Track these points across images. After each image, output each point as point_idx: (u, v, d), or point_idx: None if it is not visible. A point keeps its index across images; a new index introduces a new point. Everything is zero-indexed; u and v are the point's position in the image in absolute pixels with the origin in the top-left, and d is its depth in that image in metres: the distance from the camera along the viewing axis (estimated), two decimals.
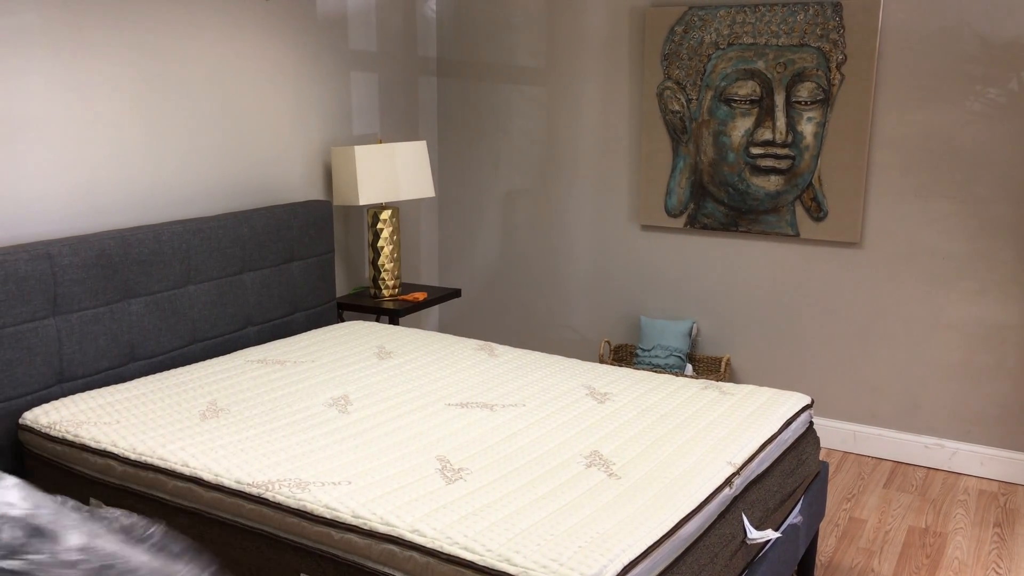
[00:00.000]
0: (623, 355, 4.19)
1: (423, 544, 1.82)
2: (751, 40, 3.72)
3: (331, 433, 2.38)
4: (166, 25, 3.14)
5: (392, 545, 1.85)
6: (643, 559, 1.77)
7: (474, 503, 1.96)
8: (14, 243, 2.73)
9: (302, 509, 1.99)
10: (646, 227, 4.15)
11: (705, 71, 3.85)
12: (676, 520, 1.91)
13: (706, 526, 2.04)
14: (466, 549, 1.78)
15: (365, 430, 2.41)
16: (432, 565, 1.80)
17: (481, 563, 1.74)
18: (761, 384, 4.00)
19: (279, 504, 2.02)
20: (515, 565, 1.72)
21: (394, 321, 3.86)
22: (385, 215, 3.83)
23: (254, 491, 2.07)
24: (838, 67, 3.57)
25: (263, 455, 2.24)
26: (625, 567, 1.72)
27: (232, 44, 3.39)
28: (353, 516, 1.93)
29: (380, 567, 1.87)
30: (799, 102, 3.67)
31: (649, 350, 4.00)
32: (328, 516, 1.95)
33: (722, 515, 2.12)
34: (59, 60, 2.81)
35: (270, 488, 2.06)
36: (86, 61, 2.89)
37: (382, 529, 1.88)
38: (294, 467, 2.17)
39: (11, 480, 1.36)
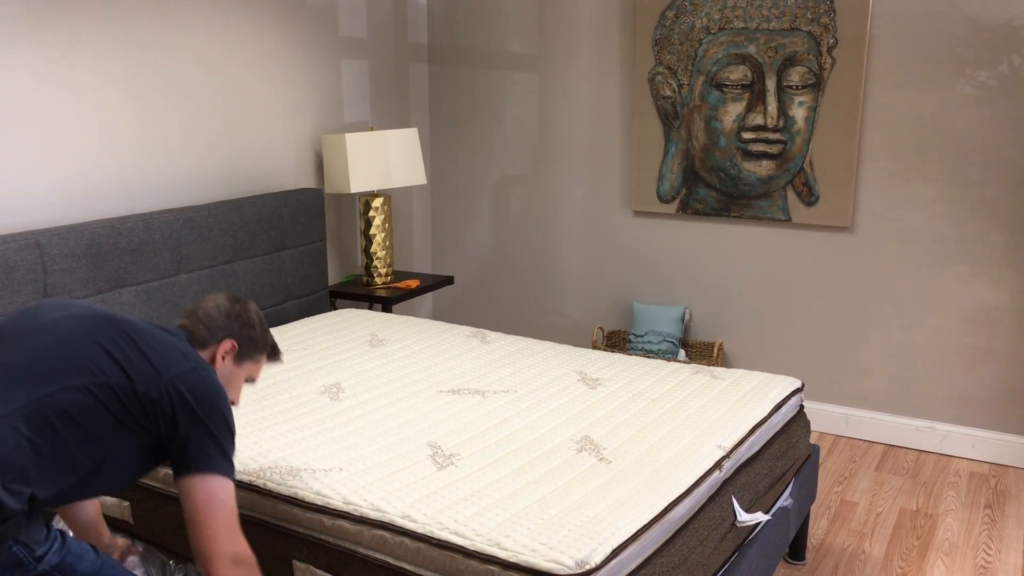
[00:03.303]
0: (616, 341, 4.20)
1: (414, 530, 1.83)
2: (742, 25, 3.72)
3: (323, 420, 2.39)
4: (155, 13, 3.12)
5: (383, 531, 1.86)
6: (632, 542, 1.78)
7: (465, 489, 1.97)
8: (3, 233, 2.73)
9: (293, 496, 1.99)
10: (638, 213, 4.15)
11: (696, 56, 3.84)
12: (665, 503, 1.92)
13: (696, 509, 2.05)
14: (456, 534, 1.79)
15: (357, 417, 2.41)
16: (423, 550, 1.81)
17: (471, 548, 1.75)
18: (754, 368, 4.01)
19: (270, 491, 2.03)
20: (505, 549, 1.73)
21: (387, 309, 3.86)
22: (377, 203, 3.83)
23: (246, 479, 2.07)
24: (829, 51, 3.57)
25: (255, 443, 2.24)
26: (614, 550, 1.73)
27: (222, 32, 3.38)
28: (344, 503, 1.94)
29: (371, 553, 1.88)
30: (790, 86, 3.67)
31: (642, 336, 4.01)
32: (319, 503, 1.96)
33: (712, 498, 2.13)
34: (47, 49, 2.80)
35: (261, 475, 2.07)
36: (74, 50, 2.88)
37: (373, 515, 1.89)
38: (286, 454, 2.17)
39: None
